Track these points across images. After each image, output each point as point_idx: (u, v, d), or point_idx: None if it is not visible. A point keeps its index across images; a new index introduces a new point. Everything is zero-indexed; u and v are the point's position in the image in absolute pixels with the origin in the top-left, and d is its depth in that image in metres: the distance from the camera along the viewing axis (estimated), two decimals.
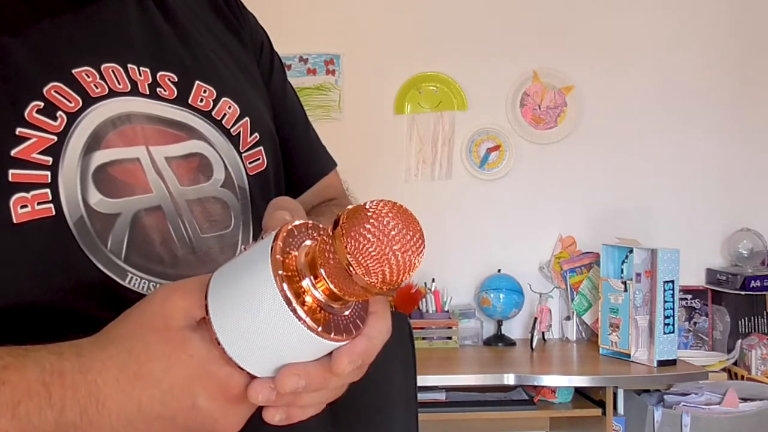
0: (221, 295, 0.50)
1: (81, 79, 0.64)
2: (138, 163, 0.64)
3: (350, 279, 0.47)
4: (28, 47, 0.63)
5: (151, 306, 0.52)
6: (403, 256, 0.47)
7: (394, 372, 0.78)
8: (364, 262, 0.46)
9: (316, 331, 0.48)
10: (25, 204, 0.58)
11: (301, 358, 0.50)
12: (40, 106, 0.61)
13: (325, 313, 0.49)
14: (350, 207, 0.48)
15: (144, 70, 0.68)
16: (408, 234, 0.48)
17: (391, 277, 0.47)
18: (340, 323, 0.50)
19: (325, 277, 0.48)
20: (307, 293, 0.48)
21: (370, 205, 0.48)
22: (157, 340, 0.50)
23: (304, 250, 0.50)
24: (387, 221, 0.47)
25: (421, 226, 0.49)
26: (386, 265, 0.47)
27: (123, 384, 0.50)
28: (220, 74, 0.75)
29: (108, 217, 0.62)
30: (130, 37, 0.70)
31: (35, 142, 0.60)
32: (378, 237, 0.46)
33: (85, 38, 0.67)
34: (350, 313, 0.51)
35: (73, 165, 0.61)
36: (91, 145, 0.62)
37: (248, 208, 0.74)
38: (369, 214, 0.47)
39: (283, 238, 0.50)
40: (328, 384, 0.52)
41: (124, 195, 0.63)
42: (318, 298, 0.48)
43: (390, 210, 0.48)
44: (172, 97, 0.69)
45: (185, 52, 0.74)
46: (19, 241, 0.58)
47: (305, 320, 0.48)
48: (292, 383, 0.49)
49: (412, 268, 0.48)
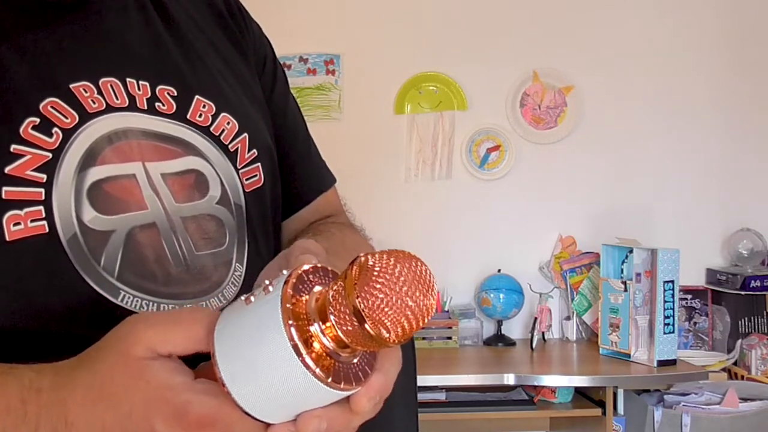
0: (227, 339, 0.49)
1: (78, 94, 0.63)
2: (134, 180, 0.64)
3: (365, 333, 0.46)
4: (26, 61, 0.62)
5: (117, 332, 0.52)
6: (417, 303, 0.46)
7: None
8: (381, 319, 0.46)
9: (325, 382, 0.47)
10: (18, 221, 0.58)
11: (311, 406, 0.49)
12: (35, 123, 0.60)
13: (333, 362, 0.48)
14: (358, 263, 0.47)
15: (143, 83, 0.68)
16: (416, 278, 0.47)
17: (410, 328, 0.47)
18: (350, 372, 0.49)
19: (335, 325, 0.47)
20: (316, 340, 0.47)
21: (373, 262, 0.47)
22: (119, 365, 0.50)
23: (314, 296, 0.49)
24: (396, 273, 0.46)
25: (425, 264, 0.48)
26: (403, 318, 0.46)
27: (88, 405, 0.50)
28: (220, 89, 0.74)
29: (102, 234, 0.61)
30: (130, 49, 0.69)
31: (30, 159, 0.59)
32: (390, 292, 0.46)
33: (84, 51, 0.66)
34: (359, 360, 0.50)
35: (67, 182, 0.60)
36: (87, 162, 0.62)
37: (243, 225, 0.73)
38: (376, 272, 0.46)
39: (293, 284, 0.49)
40: (350, 424, 0.51)
41: (119, 212, 0.63)
42: (327, 346, 0.48)
43: (396, 260, 0.47)
44: (170, 112, 0.68)
45: (186, 66, 0.73)
46: (11, 259, 0.58)
47: (315, 371, 0.47)
48: (313, 426, 0.49)
49: (428, 313, 0.47)
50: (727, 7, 2.87)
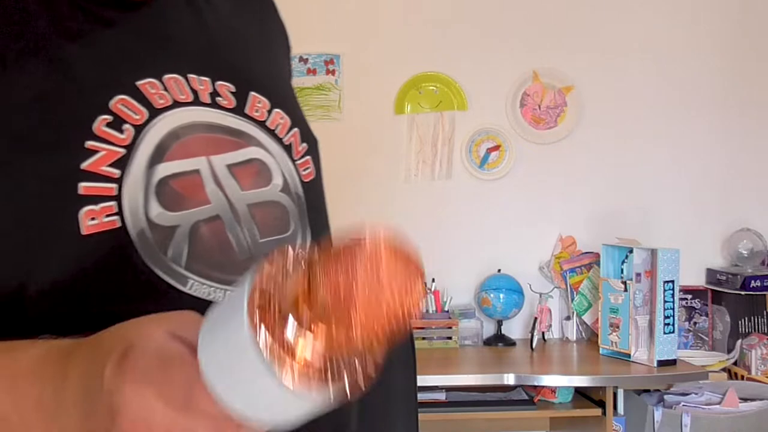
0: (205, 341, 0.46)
1: (145, 91, 0.65)
2: (198, 175, 0.65)
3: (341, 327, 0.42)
4: (93, 61, 0.64)
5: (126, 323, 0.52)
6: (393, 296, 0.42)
7: (394, 372, 0.78)
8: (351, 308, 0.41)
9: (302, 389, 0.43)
10: (93, 216, 0.60)
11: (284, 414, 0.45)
12: (108, 120, 0.62)
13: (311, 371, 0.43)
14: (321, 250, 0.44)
15: (204, 79, 0.70)
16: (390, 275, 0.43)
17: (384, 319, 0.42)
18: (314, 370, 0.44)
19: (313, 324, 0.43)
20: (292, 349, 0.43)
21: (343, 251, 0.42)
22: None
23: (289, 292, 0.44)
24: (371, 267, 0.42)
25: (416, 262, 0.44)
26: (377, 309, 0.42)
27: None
28: (272, 85, 0.77)
29: (167, 229, 0.63)
30: (189, 47, 0.71)
31: (104, 155, 0.61)
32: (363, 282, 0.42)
33: (146, 50, 0.68)
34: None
35: (137, 178, 0.62)
36: (155, 157, 0.63)
37: (305, 214, 0.74)
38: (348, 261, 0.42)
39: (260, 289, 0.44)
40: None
41: (183, 208, 0.64)
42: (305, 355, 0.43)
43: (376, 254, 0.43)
44: (231, 107, 0.70)
45: (239, 63, 0.75)
46: (85, 253, 0.59)
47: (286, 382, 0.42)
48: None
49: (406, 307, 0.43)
50: (727, 7, 2.88)
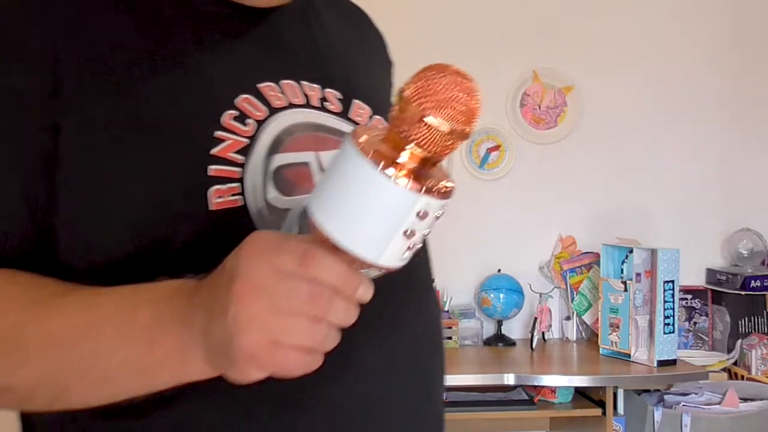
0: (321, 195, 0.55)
1: (265, 92, 0.75)
2: (307, 167, 0.75)
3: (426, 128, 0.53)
4: (222, 66, 0.75)
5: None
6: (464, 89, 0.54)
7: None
8: (432, 100, 0.53)
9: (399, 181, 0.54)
10: (221, 195, 0.69)
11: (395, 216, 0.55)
12: (234, 114, 0.72)
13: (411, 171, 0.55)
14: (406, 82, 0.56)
15: (315, 86, 0.80)
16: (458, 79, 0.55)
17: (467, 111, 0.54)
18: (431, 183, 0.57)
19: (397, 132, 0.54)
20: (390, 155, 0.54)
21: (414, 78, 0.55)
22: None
23: (379, 136, 0.55)
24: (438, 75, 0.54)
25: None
26: (455, 102, 0.54)
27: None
28: (373, 95, 0.86)
29: (281, 211, 0.72)
30: (301, 56, 0.82)
31: (231, 144, 0.71)
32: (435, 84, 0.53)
33: (266, 58, 0.79)
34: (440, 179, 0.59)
35: (258, 165, 0.72)
36: (273, 148, 0.73)
37: None
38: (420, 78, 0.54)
39: (360, 129, 0.56)
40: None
41: (294, 194, 0.73)
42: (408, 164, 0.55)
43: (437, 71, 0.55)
44: (338, 111, 0.80)
45: (345, 73, 0.86)
46: (212, 226, 0.69)
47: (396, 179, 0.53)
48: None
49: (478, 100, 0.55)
50: (727, 6, 2.88)
